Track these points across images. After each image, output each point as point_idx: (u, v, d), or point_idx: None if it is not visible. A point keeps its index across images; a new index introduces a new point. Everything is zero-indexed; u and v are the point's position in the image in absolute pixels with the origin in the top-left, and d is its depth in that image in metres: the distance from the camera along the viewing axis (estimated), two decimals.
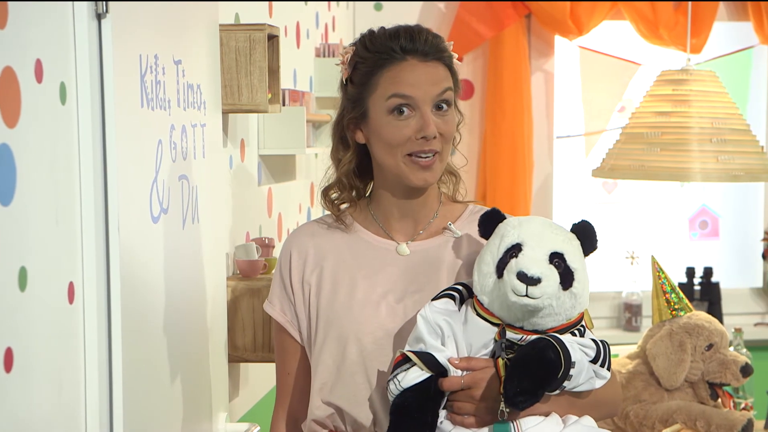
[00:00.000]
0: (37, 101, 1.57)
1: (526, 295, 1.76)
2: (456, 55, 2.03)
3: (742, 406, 3.35)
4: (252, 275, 2.65)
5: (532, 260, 1.78)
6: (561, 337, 1.81)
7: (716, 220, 4.99)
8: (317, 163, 3.72)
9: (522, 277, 1.76)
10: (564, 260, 1.81)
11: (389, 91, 1.95)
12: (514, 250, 1.81)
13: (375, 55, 1.98)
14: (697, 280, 4.71)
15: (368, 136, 2.01)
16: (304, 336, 2.06)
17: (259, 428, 2.55)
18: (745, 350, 3.45)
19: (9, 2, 1.48)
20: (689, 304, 3.12)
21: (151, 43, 1.97)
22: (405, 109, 1.95)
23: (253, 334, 2.60)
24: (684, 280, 4.67)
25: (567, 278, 1.81)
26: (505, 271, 1.79)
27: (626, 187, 4.87)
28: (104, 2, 1.73)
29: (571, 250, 1.84)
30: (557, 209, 4.84)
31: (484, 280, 1.84)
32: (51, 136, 1.61)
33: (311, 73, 3.70)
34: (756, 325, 4.87)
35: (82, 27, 1.70)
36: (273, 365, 2.22)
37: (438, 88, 1.96)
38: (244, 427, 2.54)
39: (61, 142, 1.65)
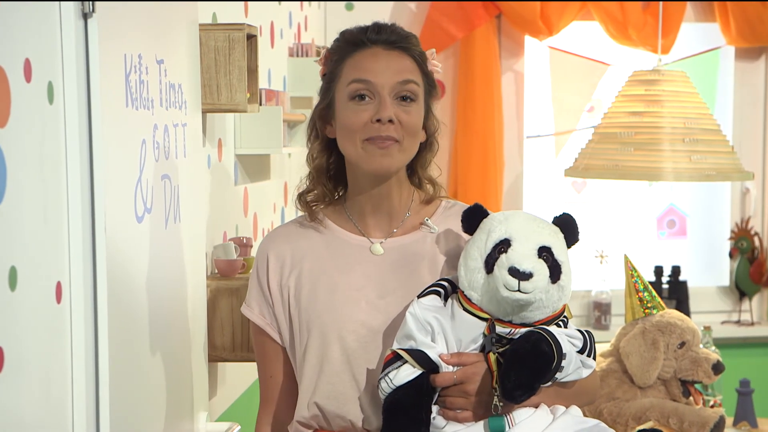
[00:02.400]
0: (26, 101, 1.56)
1: (518, 290, 1.78)
2: (432, 51, 2.02)
3: (711, 403, 3.39)
4: (231, 275, 2.65)
5: (523, 255, 1.80)
6: (549, 329, 1.83)
7: (684, 219, 5.04)
8: (291, 163, 3.72)
9: (514, 272, 1.78)
10: (552, 254, 1.83)
11: (350, 77, 1.95)
12: (503, 245, 1.82)
13: (343, 45, 1.99)
14: (665, 279, 4.75)
15: (335, 127, 2.00)
16: (285, 338, 2.04)
17: (239, 428, 2.55)
18: (714, 348, 3.49)
19: None
20: (661, 302, 3.15)
21: (134, 42, 1.97)
22: (365, 94, 1.94)
23: (232, 334, 2.60)
24: (652, 278, 4.72)
25: (555, 271, 1.82)
26: (495, 267, 1.80)
27: (595, 187, 4.90)
28: (90, 2, 1.73)
29: (558, 243, 1.85)
30: (528, 208, 4.86)
31: (471, 276, 1.85)
32: (39, 135, 1.61)
33: (285, 72, 3.70)
34: (723, 323, 4.92)
35: (69, 27, 1.69)
36: (251, 365, 2.20)
37: (399, 76, 1.94)
38: (225, 426, 2.54)
39: (49, 142, 1.65)
